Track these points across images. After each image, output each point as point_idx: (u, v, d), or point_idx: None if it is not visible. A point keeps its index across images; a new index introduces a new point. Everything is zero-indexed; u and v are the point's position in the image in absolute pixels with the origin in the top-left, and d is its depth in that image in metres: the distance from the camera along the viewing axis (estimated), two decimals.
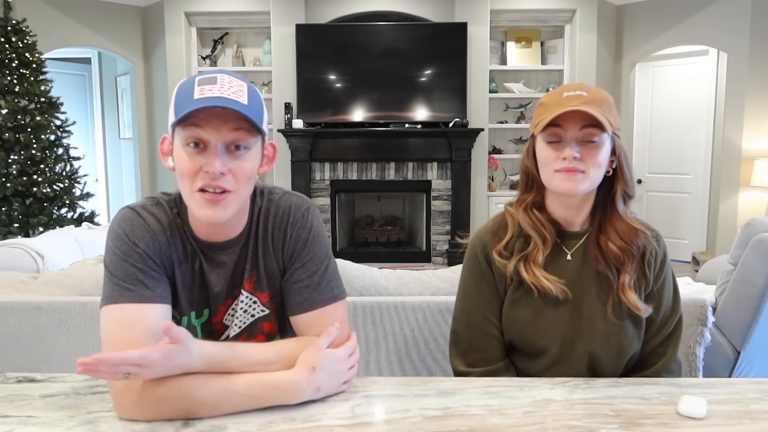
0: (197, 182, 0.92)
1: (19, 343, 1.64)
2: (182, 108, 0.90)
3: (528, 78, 5.53)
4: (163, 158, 1.00)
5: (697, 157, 5.45)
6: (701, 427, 0.88)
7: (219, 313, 1.06)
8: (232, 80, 0.93)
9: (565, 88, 1.08)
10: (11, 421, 0.88)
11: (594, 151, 1.05)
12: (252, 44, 5.56)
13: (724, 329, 2.04)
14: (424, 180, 5.22)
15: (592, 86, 1.08)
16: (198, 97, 0.89)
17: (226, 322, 1.07)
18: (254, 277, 1.04)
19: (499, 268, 1.13)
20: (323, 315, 1.01)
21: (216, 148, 0.91)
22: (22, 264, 2.06)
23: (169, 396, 0.86)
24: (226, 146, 0.92)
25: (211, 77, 0.93)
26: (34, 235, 4.17)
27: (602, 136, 1.05)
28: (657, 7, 5.21)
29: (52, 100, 4.47)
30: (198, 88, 0.91)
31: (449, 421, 0.89)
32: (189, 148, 0.92)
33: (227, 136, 0.91)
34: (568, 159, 1.04)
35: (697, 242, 5.51)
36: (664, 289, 1.14)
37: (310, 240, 1.04)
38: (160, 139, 1.00)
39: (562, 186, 1.06)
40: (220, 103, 0.88)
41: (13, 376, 1.05)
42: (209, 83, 0.91)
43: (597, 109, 1.03)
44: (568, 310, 1.10)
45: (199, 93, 0.90)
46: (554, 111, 1.04)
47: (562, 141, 1.06)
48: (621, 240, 1.09)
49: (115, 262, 0.95)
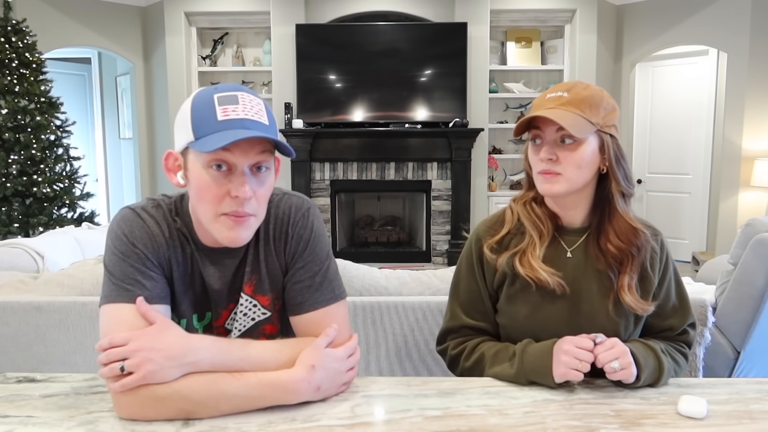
0: (222, 207, 0.90)
1: (19, 343, 1.64)
2: (204, 128, 0.87)
3: (528, 78, 5.53)
4: (169, 175, 0.97)
5: (697, 157, 5.45)
6: (701, 427, 0.88)
7: (221, 317, 1.06)
8: (252, 99, 0.91)
9: (553, 88, 1.09)
10: (11, 421, 0.88)
11: (572, 153, 1.05)
12: (252, 44, 5.56)
13: (724, 329, 2.04)
14: (424, 180, 5.22)
15: (583, 84, 1.08)
16: (222, 119, 0.87)
17: (227, 326, 1.07)
18: (254, 279, 1.04)
19: (489, 261, 1.14)
20: (324, 315, 1.01)
21: (243, 171, 0.89)
22: (22, 264, 2.06)
23: (168, 396, 0.86)
24: (250, 168, 0.90)
25: (232, 96, 0.90)
26: (34, 235, 4.17)
27: (579, 138, 1.04)
28: (657, 7, 5.21)
29: (52, 100, 4.47)
30: (220, 108, 0.88)
31: (449, 421, 0.89)
32: (212, 171, 0.89)
33: (254, 159, 0.89)
34: (544, 161, 1.06)
35: (697, 242, 5.51)
36: (668, 288, 1.14)
37: (311, 240, 1.04)
38: (164, 155, 0.97)
39: (542, 187, 1.09)
40: (250, 133, 0.86)
41: (13, 376, 1.05)
42: (231, 103, 0.89)
43: (572, 110, 1.03)
44: (567, 306, 1.10)
45: (223, 114, 0.88)
46: (534, 112, 1.06)
47: (543, 142, 1.08)
48: (619, 240, 1.09)
49: (114, 261, 0.95)
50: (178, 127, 0.93)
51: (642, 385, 1.01)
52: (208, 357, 0.89)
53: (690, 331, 1.17)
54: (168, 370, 0.86)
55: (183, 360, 0.87)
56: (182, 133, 0.91)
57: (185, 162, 0.93)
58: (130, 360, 0.85)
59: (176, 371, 0.87)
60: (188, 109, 0.91)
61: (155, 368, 0.85)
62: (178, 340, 0.89)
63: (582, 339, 1.01)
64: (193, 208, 0.96)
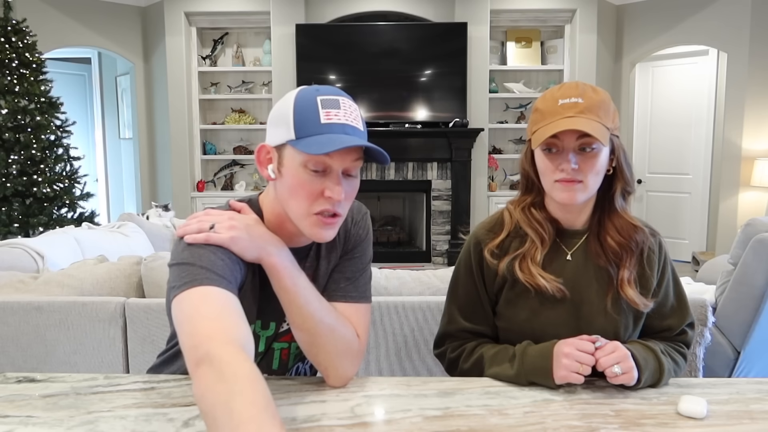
0: (316, 206, 0.92)
1: (19, 343, 1.64)
2: (307, 128, 0.89)
3: (528, 78, 5.53)
4: (260, 167, 0.98)
5: (697, 157, 5.45)
6: (701, 427, 0.88)
7: (284, 323, 1.06)
8: (351, 105, 0.94)
9: (560, 92, 1.06)
10: (11, 421, 0.89)
11: (592, 160, 1.04)
12: (252, 44, 5.56)
13: (724, 329, 2.04)
14: (424, 180, 5.22)
15: (588, 86, 1.07)
16: (325, 122, 0.89)
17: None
18: (310, 277, 1.03)
19: (490, 266, 1.14)
20: (353, 311, 1.04)
21: (338, 174, 0.92)
22: (22, 264, 2.06)
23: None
24: (343, 171, 0.93)
25: (335, 100, 0.92)
26: (34, 235, 4.17)
27: (605, 146, 1.04)
28: (657, 7, 5.21)
29: (52, 100, 4.47)
30: (323, 111, 0.90)
31: (449, 421, 0.89)
32: (310, 170, 0.91)
33: (349, 164, 0.92)
34: (566, 171, 1.04)
35: (697, 242, 5.51)
36: (666, 288, 1.14)
37: (365, 240, 1.10)
38: (258, 147, 0.98)
39: (561, 196, 1.06)
40: (353, 140, 0.89)
41: (13, 376, 1.05)
42: (334, 107, 0.91)
43: (593, 117, 1.02)
44: (567, 310, 1.10)
45: (326, 117, 0.90)
46: (549, 120, 1.03)
47: (559, 150, 1.05)
48: (619, 235, 1.10)
49: (200, 254, 0.89)
50: (276, 122, 0.94)
51: (642, 387, 1.01)
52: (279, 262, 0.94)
53: (689, 331, 1.17)
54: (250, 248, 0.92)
55: (264, 248, 0.94)
56: (281, 129, 0.92)
57: (280, 157, 0.94)
58: (222, 224, 0.92)
59: (254, 253, 0.93)
60: (290, 106, 0.92)
61: (241, 236, 0.92)
62: (267, 233, 0.97)
63: (582, 342, 1.01)
64: (284, 203, 0.96)
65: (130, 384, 1.02)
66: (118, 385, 1.02)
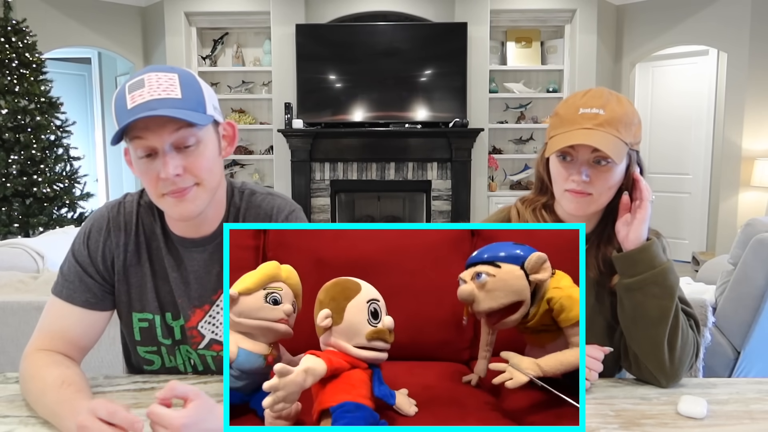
0: (159, 189, 0.92)
1: (19, 343, 1.64)
2: (120, 118, 0.88)
3: (528, 78, 5.53)
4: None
5: (697, 157, 5.45)
6: (701, 427, 0.88)
7: (194, 316, 1.04)
8: (159, 77, 0.89)
9: (583, 100, 1.03)
10: (11, 421, 0.88)
11: (605, 174, 1.02)
12: (252, 44, 5.56)
13: (724, 329, 2.04)
14: (424, 180, 5.22)
15: (614, 96, 1.03)
16: (131, 107, 0.87)
17: (201, 329, 1.04)
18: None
19: None
20: None
21: (164, 152, 0.89)
22: (22, 264, 2.06)
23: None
24: (175, 146, 0.90)
25: (139, 80, 0.89)
26: (34, 235, 4.18)
27: (618, 162, 1.01)
28: (657, 7, 5.21)
29: (52, 100, 4.47)
30: (129, 96, 0.88)
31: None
32: (142, 159, 0.91)
33: (171, 138, 0.89)
34: (577, 182, 1.02)
35: (697, 242, 5.51)
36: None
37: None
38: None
39: (570, 206, 1.05)
40: (149, 112, 0.85)
41: (13, 376, 1.05)
42: (138, 88, 0.88)
43: (611, 131, 0.99)
44: None
45: (131, 101, 0.88)
46: (567, 129, 1.01)
47: (573, 159, 1.03)
48: (617, 252, 1.08)
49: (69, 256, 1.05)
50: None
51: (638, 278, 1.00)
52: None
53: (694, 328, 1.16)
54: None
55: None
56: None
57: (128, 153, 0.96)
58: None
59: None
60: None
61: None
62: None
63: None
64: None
65: (130, 384, 1.02)
66: (118, 385, 1.02)
